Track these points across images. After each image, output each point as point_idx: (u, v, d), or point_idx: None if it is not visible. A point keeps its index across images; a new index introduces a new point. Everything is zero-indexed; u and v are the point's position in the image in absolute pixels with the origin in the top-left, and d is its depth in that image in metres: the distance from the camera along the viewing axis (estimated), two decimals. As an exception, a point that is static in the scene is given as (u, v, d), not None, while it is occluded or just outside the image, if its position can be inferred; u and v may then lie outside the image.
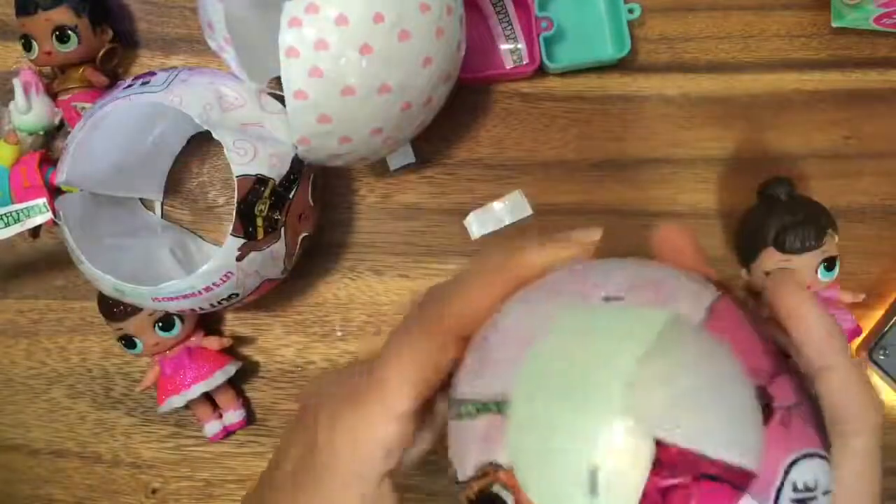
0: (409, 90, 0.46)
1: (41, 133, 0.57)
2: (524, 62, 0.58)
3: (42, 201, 0.50)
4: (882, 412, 0.28)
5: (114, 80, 0.59)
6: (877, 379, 0.55)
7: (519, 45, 0.59)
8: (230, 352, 0.57)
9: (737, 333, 0.28)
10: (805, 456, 0.27)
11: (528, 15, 0.57)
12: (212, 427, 0.56)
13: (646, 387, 0.25)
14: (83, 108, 0.57)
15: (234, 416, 0.56)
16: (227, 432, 0.57)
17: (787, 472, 0.26)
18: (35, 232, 0.55)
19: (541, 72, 0.58)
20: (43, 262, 0.60)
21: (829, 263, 0.51)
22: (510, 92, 0.59)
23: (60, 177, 0.50)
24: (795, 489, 0.26)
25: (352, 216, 0.59)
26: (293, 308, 0.59)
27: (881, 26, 0.56)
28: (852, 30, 0.57)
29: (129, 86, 0.49)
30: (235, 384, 0.58)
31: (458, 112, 0.58)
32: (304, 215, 0.51)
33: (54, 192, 0.52)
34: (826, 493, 0.27)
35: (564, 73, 0.59)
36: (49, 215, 0.50)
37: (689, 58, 0.59)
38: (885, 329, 0.53)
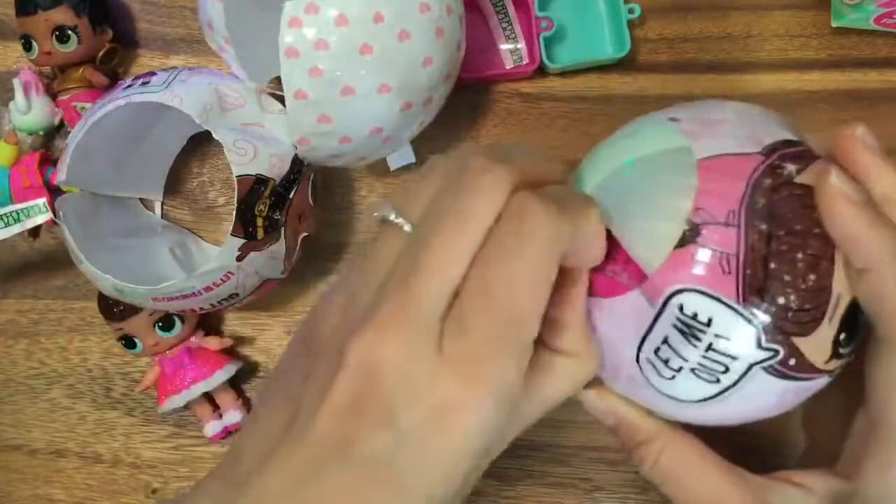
0: (410, 90, 0.46)
1: (41, 133, 0.57)
2: (524, 62, 0.58)
3: (42, 201, 0.50)
4: None
5: (114, 80, 0.59)
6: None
7: (519, 45, 0.59)
8: (230, 352, 0.57)
9: (722, 184, 0.33)
10: (702, 293, 0.32)
11: (528, 15, 0.57)
12: (212, 427, 0.56)
13: (612, 180, 0.37)
14: (83, 108, 0.57)
15: (234, 416, 0.56)
16: (228, 432, 0.57)
17: (678, 293, 0.33)
18: (35, 232, 0.55)
19: (541, 72, 0.58)
20: (43, 262, 0.60)
21: None
22: (510, 92, 0.59)
23: (60, 177, 0.50)
24: (682, 311, 0.33)
25: (352, 216, 0.59)
26: (293, 308, 0.59)
27: (881, 26, 0.56)
28: (852, 30, 0.57)
29: (129, 86, 0.49)
30: (235, 384, 0.58)
31: (458, 112, 0.58)
32: (304, 215, 0.51)
33: (54, 192, 0.52)
34: (719, 336, 0.32)
35: (564, 73, 0.59)
36: (49, 215, 0.50)
37: (689, 58, 0.59)
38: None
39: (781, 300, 0.32)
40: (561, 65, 0.57)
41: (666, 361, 0.34)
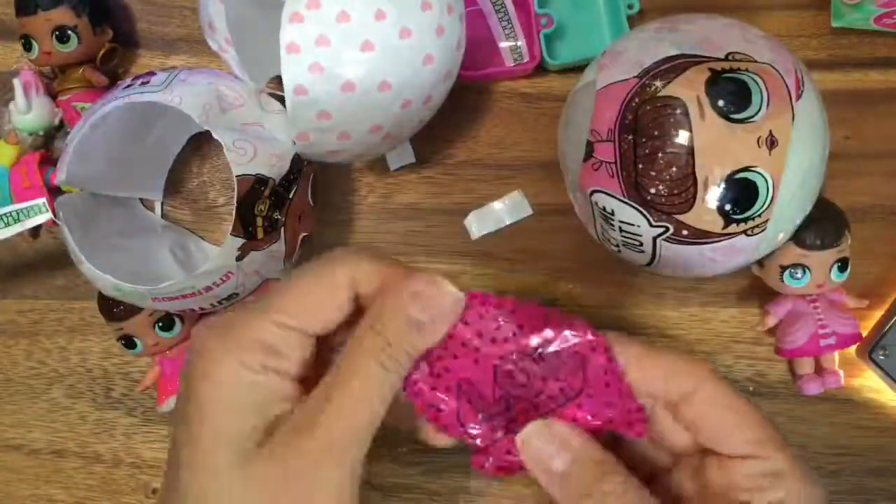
0: (410, 88, 0.46)
1: (41, 133, 0.57)
2: (524, 60, 0.58)
3: (42, 201, 0.50)
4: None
5: (114, 80, 0.59)
6: (876, 379, 0.55)
7: (519, 43, 0.59)
8: (230, 352, 0.57)
9: (605, 109, 0.45)
10: (603, 192, 0.46)
11: (527, 12, 0.57)
12: (212, 427, 0.56)
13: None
14: (83, 108, 0.57)
15: (234, 416, 0.56)
16: (227, 432, 0.57)
17: (593, 193, 0.46)
18: (35, 232, 0.55)
19: (541, 69, 0.58)
20: (43, 262, 0.60)
21: (843, 264, 0.52)
22: (510, 92, 0.59)
23: (60, 177, 0.50)
24: (598, 205, 0.47)
25: (352, 216, 0.59)
26: (293, 308, 0.59)
27: (881, 26, 0.56)
28: (852, 30, 0.57)
29: (129, 86, 0.49)
30: (235, 384, 0.58)
31: (458, 112, 0.58)
32: (304, 215, 0.51)
33: (54, 192, 0.52)
34: (623, 222, 0.46)
35: (564, 72, 0.59)
36: (49, 215, 0.50)
37: (689, 57, 0.59)
38: (885, 329, 0.53)
39: (653, 190, 0.43)
40: (561, 62, 0.57)
41: (608, 240, 0.49)
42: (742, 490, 0.31)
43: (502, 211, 0.58)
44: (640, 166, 0.44)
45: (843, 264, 0.52)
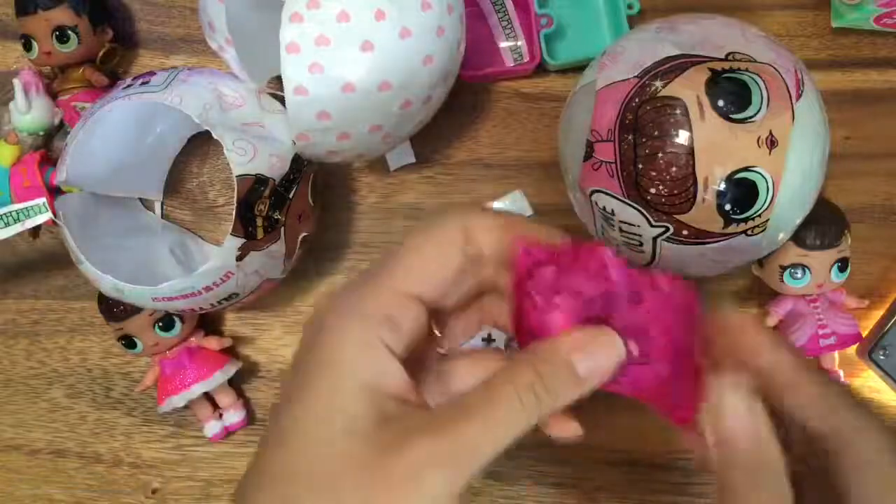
0: (410, 88, 0.46)
1: (41, 133, 0.57)
2: (524, 59, 0.58)
3: (42, 201, 0.50)
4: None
5: (114, 80, 0.59)
6: (876, 379, 0.55)
7: (519, 43, 0.59)
8: (230, 352, 0.57)
9: (605, 109, 0.45)
10: (603, 192, 0.46)
11: (527, 12, 0.57)
12: (212, 427, 0.56)
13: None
14: (83, 108, 0.57)
15: (234, 416, 0.56)
16: (228, 432, 0.57)
17: (593, 192, 0.46)
18: (35, 232, 0.55)
19: (541, 69, 0.58)
20: (43, 262, 0.60)
21: (843, 264, 0.52)
22: (510, 92, 0.59)
23: (60, 176, 0.50)
24: (602, 208, 0.47)
25: (352, 216, 0.59)
26: (293, 308, 0.59)
27: (881, 26, 0.56)
28: (852, 30, 0.57)
29: (129, 86, 0.49)
30: (235, 384, 0.58)
31: (458, 112, 0.58)
32: (304, 215, 0.51)
33: (54, 192, 0.52)
34: (623, 222, 0.46)
35: (564, 72, 0.59)
36: (49, 215, 0.50)
37: (689, 57, 0.59)
38: (885, 329, 0.53)
39: (653, 190, 0.43)
40: (561, 61, 0.57)
41: (609, 240, 0.49)
42: None
43: (502, 211, 0.58)
44: (641, 166, 0.44)
45: (843, 264, 0.52)
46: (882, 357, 0.53)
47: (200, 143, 0.60)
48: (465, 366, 0.34)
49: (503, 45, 0.59)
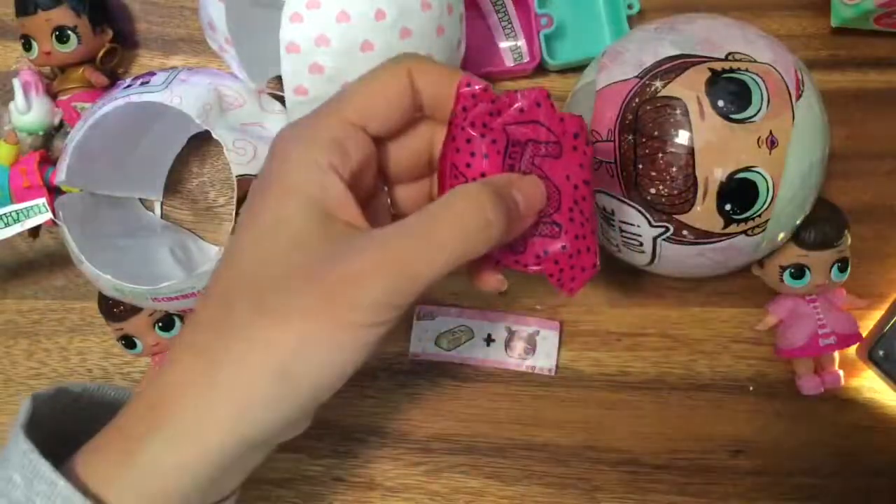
0: (409, 89, 0.46)
1: (41, 133, 0.57)
2: (524, 60, 0.58)
3: (42, 201, 0.50)
4: None
5: (114, 80, 0.59)
6: (876, 379, 0.55)
7: (519, 43, 0.59)
8: (230, 352, 0.57)
9: (606, 109, 0.45)
10: (604, 192, 0.46)
11: (527, 12, 0.57)
12: (212, 427, 0.56)
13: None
14: (83, 108, 0.57)
15: (234, 415, 0.56)
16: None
17: (595, 193, 0.44)
18: (35, 232, 0.55)
19: (541, 69, 0.58)
20: (43, 262, 0.60)
21: (843, 264, 0.52)
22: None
23: (60, 177, 0.50)
24: (602, 208, 0.47)
25: (352, 216, 0.59)
26: (293, 308, 0.59)
27: (881, 26, 0.56)
28: (852, 30, 0.57)
29: (129, 86, 0.49)
30: (235, 384, 0.57)
31: (458, 112, 0.58)
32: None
33: (54, 192, 0.52)
34: (623, 222, 0.46)
35: (564, 72, 0.59)
36: (49, 215, 0.50)
37: (689, 57, 0.59)
38: (885, 329, 0.53)
39: (653, 191, 0.44)
40: (561, 61, 0.57)
41: (608, 240, 0.49)
42: None
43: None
44: (641, 166, 0.44)
45: (843, 264, 0.52)
46: (882, 357, 0.53)
47: (200, 143, 0.60)
48: (409, 192, 0.36)
49: (503, 44, 0.59)
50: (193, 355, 0.30)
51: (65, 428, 0.35)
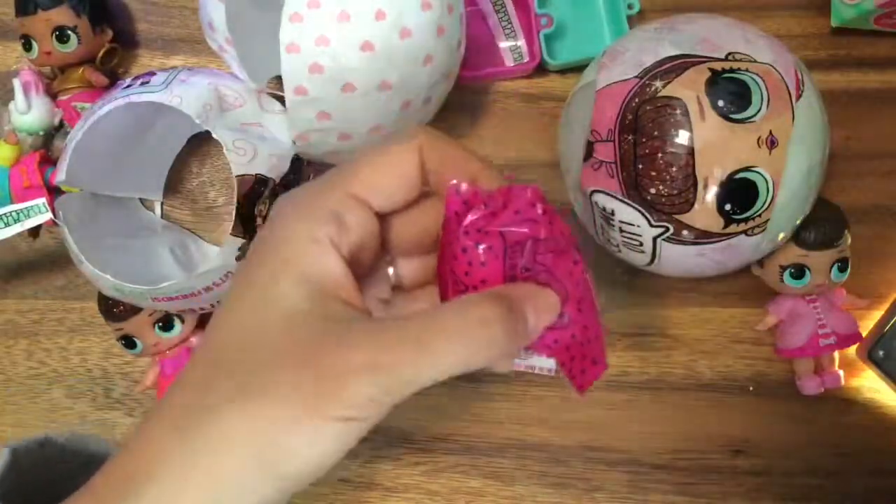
0: (409, 88, 0.46)
1: (41, 133, 0.57)
2: (524, 60, 0.58)
3: (42, 201, 0.50)
4: None
5: (113, 80, 0.59)
6: (876, 379, 0.55)
7: (519, 43, 0.59)
8: (230, 352, 0.57)
9: (605, 109, 0.45)
10: (603, 192, 0.46)
11: (527, 12, 0.57)
12: (212, 427, 0.56)
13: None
14: (83, 108, 0.57)
15: (234, 415, 0.56)
16: (227, 432, 0.57)
17: (593, 193, 0.47)
18: (35, 232, 0.55)
19: (541, 69, 0.58)
20: (43, 262, 0.60)
21: (843, 264, 0.52)
22: (510, 92, 0.59)
23: (60, 177, 0.50)
24: (602, 208, 0.47)
25: (352, 216, 0.59)
26: (293, 308, 0.59)
27: (881, 26, 0.56)
28: (852, 30, 0.57)
29: (129, 86, 0.49)
30: (235, 384, 0.57)
31: (458, 112, 0.58)
32: (304, 215, 0.51)
33: (54, 192, 0.52)
34: (623, 222, 0.46)
35: (564, 72, 0.59)
36: (49, 215, 0.50)
37: (689, 57, 0.59)
38: (885, 329, 0.53)
39: (653, 191, 0.44)
40: (561, 61, 0.57)
41: (608, 240, 0.49)
42: None
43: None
44: (641, 166, 0.44)
45: (842, 264, 0.52)
46: (882, 357, 0.53)
47: (200, 143, 0.60)
48: (413, 265, 0.35)
49: (503, 44, 0.59)
50: (172, 428, 0.29)
51: (39, 479, 0.34)
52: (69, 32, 0.55)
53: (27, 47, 0.56)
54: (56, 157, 0.55)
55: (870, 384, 0.56)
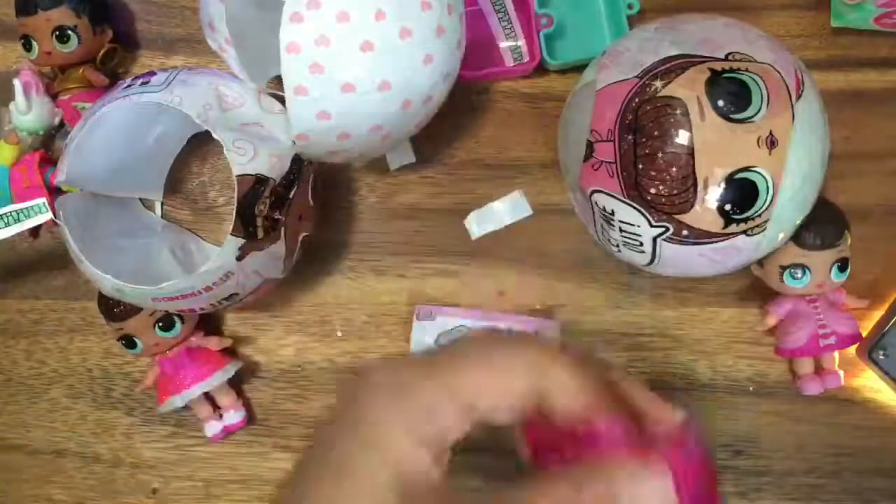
0: (410, 88, 0.46)
1: (41, 133, 0.57)
2: (524, 59, 0.58)
3: (42, 201, 0.50)
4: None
5: (114, 80, 0.59)
6: (876, 379, 0.55)
7: (519, 43, 0.59)
8: (230, 352, 0.57)
9: (605, 109, 0.45)
10: (603, 192, 0.46)
11: (527, 12, 0.57)
12: (212, 427, 0.56)
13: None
14: (83, 108, 0.57)
15: (234, 416, 0.56)
16: (228, 432, 0.57)
17: (593, 192, 0.46)
18: (35, 232, 0.55)
19: (541, 69, 0.58)
20: (43, 262, 0.60)
21: (843, 264, 0.52)
22: (510, 92, 0.59)
23: (60, 177, 0.50)
24: (602, 208, 0.47)
25: (352, 216, 0.59)
26: (293, 308, 0.59)
27: (881, 26, 0.56)
28: (852, 30, 0.57)
29: (129, 86, 0.49)
30: (235, 384, 0.58)
31: (458, 112, 0.58)
32: (304, 215, 0.51)
33: (54, 192, 0.52)
34: (623, 221, 0.45)
35: (564, 72, 0.59)
36: (49, 215, 0.50)
37: (689, 57, 0.59)
38: (885, 329, 0.53)
39: (653, 190, 0.44)
40: (561, 61, 0.57)
41: (608, 240, 0.49)
42: None
43: (502, 211, 0.58)
44: (641, 166, 0.44)
45: (842, 264, 0.52)
46: (882, 357, 0.53)
47: (200, 143, 0.60)
48: None
49: (503, 44, 0.59)
50: None
51: None
52: (69, 32, 0.55)
53: (27, 47, 0.56)
54: (56, 157, 0.55)
55: (870, 384, 0.56)
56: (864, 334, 0.55)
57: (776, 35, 0.58)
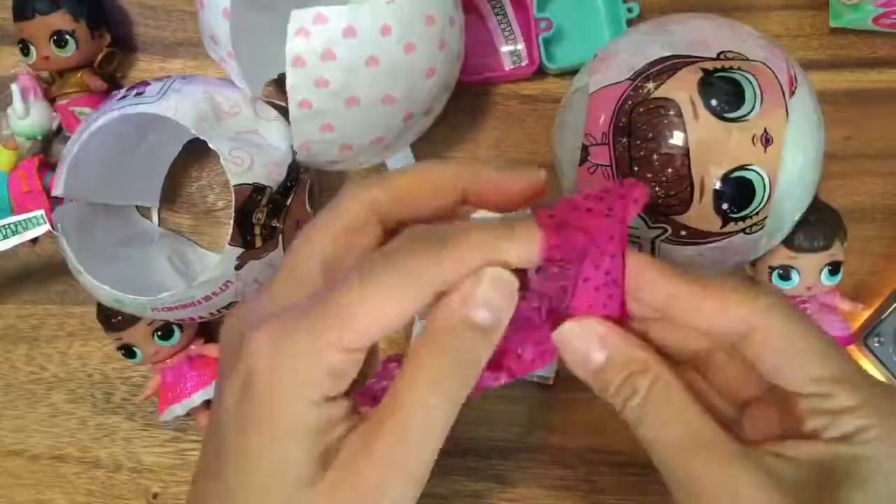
0: (412, 101, 0.46)
1: (39, 138, 0.57)
2: (523, 63, 0.58)
3: (40, 213, 0.50)
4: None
5: (112, 84, 0.59)
6: (870, 366, 0.54)
7: (518, 47, 0.59)
8: (230, 357, 0.57)
9: (599, 112, 0.45)
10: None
11: (526, 16, 0.57)
12: (212, 432, 0.56)
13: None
14: (81, 113, 0.57)
15: (234, 420, 0.56)
16: (228, 437, 0.57)
17: None
18: (34, 238, 0.54)
19: (540, 73, 0.58)
20: (43, 267, 0.60)
21: (834, 268, 0.52)
22: (509, 94, 0.59)
23: (57, 191, 0.49)
24: None
25: (351, 219, 0.59)
26: (293, 313, 0.59)
27: (881, 26, 0.56)
28: (852, 30, 0.57)
29: (124, 97, 0.48)
30: (236, 389, 0.57)
31: (457, 114, 0.58)
32: (302, 222, 0.51)
33: (53, 201, 0.52)
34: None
35: (563, 75, 0.59)
36: (47, 227, 0.50)
37: (688, 58, 0.59)
38: (882, 317, 0.53)
39: (649, 192, 0.43)
40: (560, 65, 0.57)
41: None
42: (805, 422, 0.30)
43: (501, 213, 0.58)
44: (636, 169, 0.44)
45: (834, 268, 0.51)
46: (877, 344, 0.53)
47: (199, 147, 0.59)
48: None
49: (503, 48, 0.59)
50: None
51: None
52: (67, 37, 0.55)
53: (25, 52, 0.56)
54: (55, 162, 0.55)
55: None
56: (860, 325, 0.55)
57: (776, 35, 0.58)
